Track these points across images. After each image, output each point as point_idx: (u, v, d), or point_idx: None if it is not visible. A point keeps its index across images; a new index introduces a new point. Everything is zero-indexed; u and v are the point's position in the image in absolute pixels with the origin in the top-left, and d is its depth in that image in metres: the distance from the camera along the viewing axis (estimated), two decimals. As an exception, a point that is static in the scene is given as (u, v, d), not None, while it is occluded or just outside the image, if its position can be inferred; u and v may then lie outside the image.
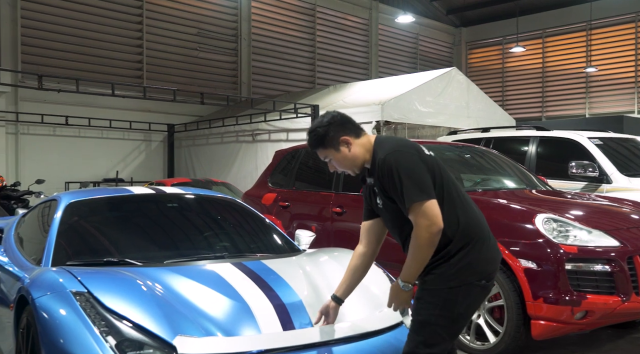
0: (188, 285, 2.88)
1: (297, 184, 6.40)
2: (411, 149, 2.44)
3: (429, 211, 2.35)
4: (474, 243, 2.44)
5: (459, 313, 2.43)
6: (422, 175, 2.38)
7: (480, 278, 2.44)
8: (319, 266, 3.35)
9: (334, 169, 2.69)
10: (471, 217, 2.50)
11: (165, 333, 2.49)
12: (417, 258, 2.41)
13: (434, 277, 2.45)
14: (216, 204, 4.14)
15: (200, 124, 13.05)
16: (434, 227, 2.35)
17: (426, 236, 2.36)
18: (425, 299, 2.47)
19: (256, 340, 2.58)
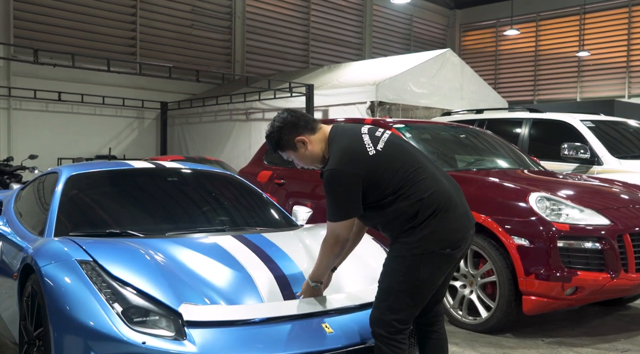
0: (190, 255, 2.95)
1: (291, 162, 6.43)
2: (349, 167, 2.50)
3: (338, 231, 2.58)
4: (437, 212, 2.52)
5: (422, 279, 2.52)
6: (344, 199, 2.52)
7: (444, 246, 2.53)
8: (318, 239, 3.40)
9: (299, 166, 2.78)
10: (437, 188, 2.57)
11: (170, 300, 2.56)
12: (323, 263, 2.71)
13: (399, 245, 2.55)
14: (215, 179, 4.19)
15: (193, 102, 13.04)
16: (338, 245, 2.64)
17: (330, 250, 2.66)
18: (389, 267, 2.58)
19: (258, 309, 2.66)
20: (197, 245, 3.12)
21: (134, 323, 2.48)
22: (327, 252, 2.68)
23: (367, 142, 2.60)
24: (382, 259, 3.30)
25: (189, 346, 2.41)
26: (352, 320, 2.75)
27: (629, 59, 18.47)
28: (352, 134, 2.65)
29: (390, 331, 2.53)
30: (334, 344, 2.58)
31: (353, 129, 2.69)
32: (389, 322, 2.52)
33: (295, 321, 2.65)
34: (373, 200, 2.55)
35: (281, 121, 2.70)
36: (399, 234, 2.55)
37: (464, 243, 2.59)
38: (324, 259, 2.71)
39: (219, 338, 2.47)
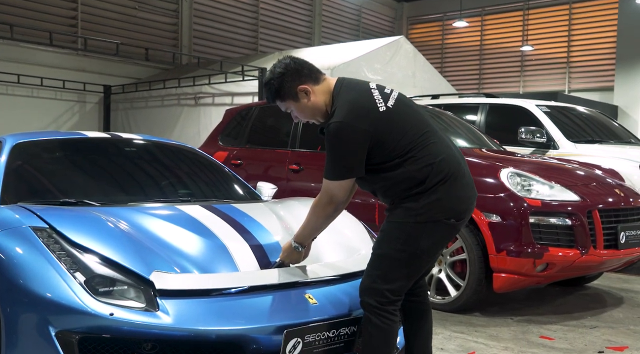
0: (157, 223, 2.70)
1: (250, 142, 6.22)
2: (357, 121, 2.31)
3: (334, 191, 2.40)
4: (446, 179, 2.37)
5: (422, 249, 2.37)
6: (348, 156, 2.34)
7: (449, 216, 2.38)
8: (292, 211, 3.23)
9: (298, 119, 2.58)
10: (448, 154, 2.43)
11: (139, 268, 2.31)
12: (311, 224, 2.52)
13: (401, 210, 2.38)
14: (175, 152, 3.94)
15: (139, 86, 12.52)
16: (331, 206, 2.44)
17: (322, 210, 2.47)
18: (388, 233, 2.40)
19: (236, 278, 2.45)
20: (163, 214, 2.88)
21: (99, 293, 2.23)
22: (318, 213, 2.49)
23: (377, 97, 2.42)
24: (357, 230, 3.17)
25: (162, 317, 2.18)
26: (336, 291, 2.58)
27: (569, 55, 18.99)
28: (360, 88, 2.45)
29: (381, 301, 2.37)
30: (319, 316, 2.39)
31: (360, 83, 2.50)
32: (381, 291, 2.36)
33: (277, 291, 2.45)
34: (378, 161, 2.38)
35: (283, 67, 2.45)
36: (403, 199, 2.38)
37: (467, 215, 2.45)
38: (312, 220, 2.51)
39: (195, 309, 2.25)
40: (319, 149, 5.37)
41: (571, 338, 3.70)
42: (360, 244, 3.00)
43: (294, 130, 5.66)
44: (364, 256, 2.87)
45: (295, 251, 2.58)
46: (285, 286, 2.49)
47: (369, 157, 2.36)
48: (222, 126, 6.77)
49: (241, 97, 10.56)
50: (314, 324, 2.36)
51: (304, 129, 5.60)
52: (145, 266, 2.33)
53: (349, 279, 2.68)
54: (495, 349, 3.43)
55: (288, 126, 5.85)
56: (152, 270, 2.32)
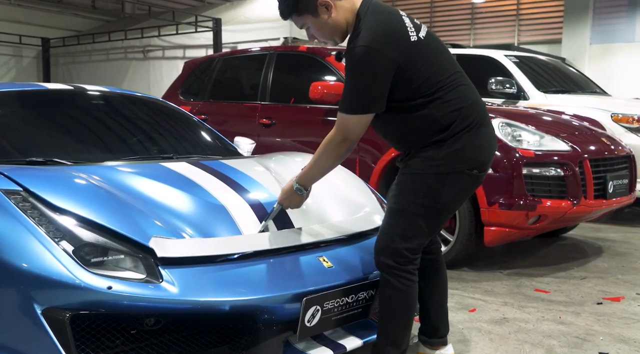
0: (145, 183, 2.40)
1: (214, 96, 5.86)
2: (386, 47, 2.04)
3: (350, 126, 2.13)
4: (472, 126, 2.16)
5: (444, 203, 2.16)
6: (371, 87, 2.07)
7: (472, 166, 2.17)
8: (285, 165, 2.98)
9: (314, 38, 2.30)
10: (476, 99, 2.23)
11: (135, 234, 2.03)
12: (318, 165, 2.26)
13: (419, 160, 2.16)
14: (148, 105, 3.58)
15: (81, 39, 11.80)
16: (344, 144, 2.17)
17: (333, 149, 2.19)
18: (406, 186, 2.18)
19: (244, 241, 2.19)
20: (148, 172, 2.57)
21: (91, 264, 1.94)
22: (329, 152, 2.20)
23: (408, 25, 2.16)
24: (357, 185, 2.96)
25: (168, 288, 1.92)
26: (349, 253, 2.36)
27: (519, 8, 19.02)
28: (391, 11, 2.17)
29: (400, 261, 2.17)
30: (336, 280, 2.18)
31: (390, 7, 2.22)
32: (399, 251, 2.16)
33: (288, 255, 2.22)
34: (400, 98, 2.13)
35: None
36: (422, 148, 2.16)
37: (488, 166, 2.25)
38: (322, 161, 2.23)
39: (203, 278, 1.99)
40: (292, 102, 5.09)
41: (566, 290, 3.63)
42: (364, 200, 2.79)
43: (263, 82, 5.34)
44: (371, 213, 2.67)
45: (296, 194, 2.31)
46: (295, 249, 2.26)
47: (391, 92, 2.11)
48: (182, 79, 6.36)
49: (194, 50, 10.08)
50: (333, 290, 2.14)
51: (274, 80, 5.29)
52: (140, 232, 2.05)
53: (358, 239, 2.47)
54: (495, 305, 3.32)
55: (256, 77, 5.52)
56: (149, 235, 2.04)
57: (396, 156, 4.24)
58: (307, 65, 5.18)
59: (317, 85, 4.58)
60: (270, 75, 5.33)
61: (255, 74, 5.59)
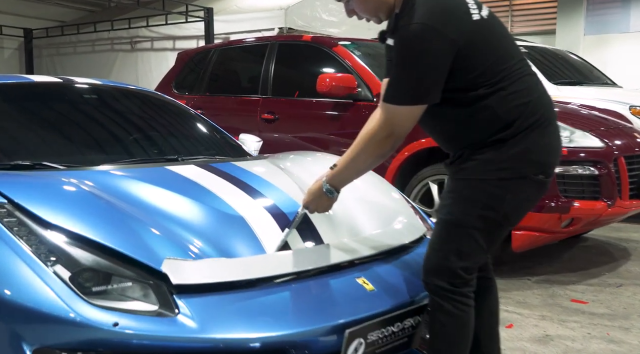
0: (150, 191, 2.06)
1: (210, 90, 5.50)
2: (445, 26, 1.73)
3: (398, 120, 1.81)
4: (539, 124, 1.83)
5: (506, 214, 1.83)
6: (427, 72, 1.74)
7: (538, 170, 1.84)
8: (304, 168, 2.65)
9: (353, 14, 1.97)
10: (543, 92, 1.91)
11: (144, 255, 1.69)
12: (355, 164, 1.92)
13: (477, 164, 1.82)
14: (146, 99, 3.23)
15: (65, 29, 11.31)
16: (389, 141, 1.85)
17: (375, 145, 1.86)
18: (461, 194, 1.84)
19: (270, 262, 1.86)
20: (154, 177, 2.22)
21: (92, 294, 1.60)
22: (370, 149, 1.86)
23: (469, 1, 1.84)
24: (386, 188, 2.63)
25: (185, 322, 1.58)
26: (389, 272, 2.03)
27: (512, -1, 18.76)
28: None
29: (455, 282, 1.85)
30: (380, 306, 1.85)
31: None
32: (454, 271, 1.84)
33: (322, 276, 1.89)
34: (456, 88, 1.79)
35: None
36: (479, 148, 1.83)
37: (553, 170, 1.93)
38: (360, 159, 1.89)
39: (226, 309, 1.66)
40: (297, 95, 4.75)
41: (604, 300, 3.34)
42: (396, 206, 2.46)
43: (264, 74, 4.99)
44: (407, 223, 2.35)
45: (325, 196, 1.97)
46: (328, 270, 1.93)
47: (446, 80, 1.78)
48: (175, 71, 5.99)
49: (184, 41, 9.66)
50: (378, 318, 1.81)
51: (276, 72, 4.94)
52: (150, 252, 1.71)
53: (397, 254, 2.15)
54: (533, 319, 3.02)
55: (256, 69, 5.17)
56: (160, 257, 1.70)
57: (411, 155, 3.93)
58: (312, 56, 4.84)
59: (324, 78, 4.25)
60: (271, 67, 4.98)
61: (255, 65, 5.24)
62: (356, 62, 4.44)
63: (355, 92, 4.28)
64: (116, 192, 2.00)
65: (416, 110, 1.81)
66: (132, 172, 2.25)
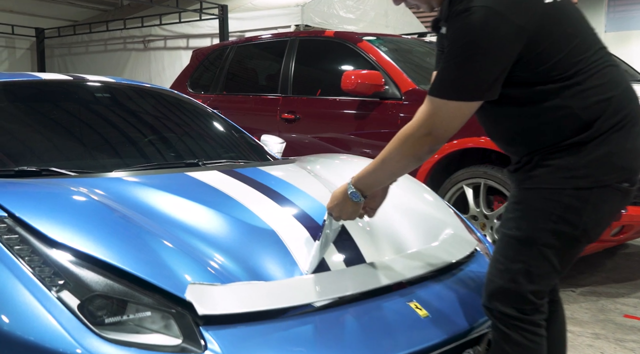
0: (170, 202, 1.82)
1: (227, 88, 5.27)
2: (512, 11, 1.47)
3: (443, 117, 1.53)
4: (624, 123, 1.55)
5: (585, 229, 1.55)
6: (487, 64, 1.48)
7: (622, 177, 1.56)
8: (331, 169, 2.42)
9: (401, 1, 1.73)
10: (627, 86, 1.64)
11: (164, 280, 1.45)
12: (387, 166, 1.64)
13: (549, 171, 1.55)
14: (162, 98, 2.99)
15: (78, 29, 11.14)
16: (428, 139, 1.56)
17: (413, 146, 1.57)
18: (532, 206, 1.57)
19: (310, 286, 1.61)
20: (173, 185, 1.98)
21: (104, 325, 1.36)
22: (404, 148, 1.58)
23: None
24: (426, 196, 2.38)
25: (214, 361, 1.34)
26: (442, 293, 1.78)
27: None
28: None
29: (524, 309, 1.59)
30: (438, 336, 1.59)
31: None
32: (523, 295, 1.58)
33: (371, 300, 1.64)
34: (523, 82, 1.53)
35: None
36: (553, 152, 1.57)
37: (638, 177, 1.66)
38: (393, 159, 1.61)
39: (262, 342, 1.41)
40: (318, 94, 4.50)
41: (659, 315, 3.07)
42: (441, 216, 2.21)
43: (284, 72, 4.75)
44: (456, 237, 2.09)
45: (349, 201, 1.71)
46: (376, 293, 1.68)
47: (509, 73, 1.52)
48: (190, 69, 5.76)
49: (198, 40, 9.44)
50: (436, 351, 1.56)
51: (297, 70, 4.70)
52: (172, 276, 1.47)
53: (449, 273, 1.89)
54: (586, 338, 2.75)
55: (276, 67, 4.93)
56: (184, 282, 1.46)
57: (443, 157, 3.68)
58: (335, 53, 4.59)
59: (350, 75, 4.00)
60: (292, 64, 4.73)
61: (274, 63, 5.00)
62: (383, 58, 4.19)
63: (383, 90, 4.03)
64: (132, 203, 1.77)
65: (466, 108, 1.55)
66: (150, 179, 2.01)
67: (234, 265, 1.60)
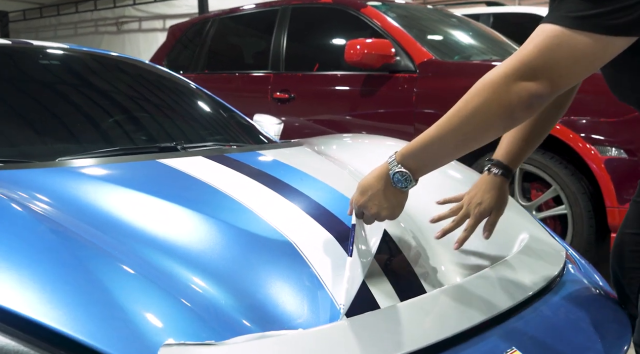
0: (132, 203, 1.22)
1: (210, 66, 4.65)
2: None
3: (564, 56, 0.96)
4: None
5: None
6: None
7: None
8: (352, 151, 1.84)
9: None
10: None
11: (113, 339, 0.85)
12: (456, 128, 1.04)
13: None
14: (129, 70, 2.35)
15: (44, 11, 10.42)
16: (534, 86, 0.97)
17: (507, 94, 0.98)
18: None
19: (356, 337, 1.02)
20: (140, 178, 1.38)
21: None
22: (490, 101, 1.00)
23: None
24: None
25: None
26: (539, 331, 1.19)
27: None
28: None
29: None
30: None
31: None
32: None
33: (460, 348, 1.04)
34: None
35: None
36: None
37: None
38: (468, 119, 1.03)
39: None
40: (316, 69, 3.91)
41: None
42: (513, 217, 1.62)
43: (275, 45, 4.14)
44: (540, 244, 1.50)
45: (392, 189, 1.13)
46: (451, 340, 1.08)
47: None
48: (167, 47, 5.13)
49: (175, 20, 8.79)
50: None
51: (290, 43, 4.09)
52: (129, 332, 0.87)
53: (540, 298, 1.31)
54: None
55: (265, 40, 4.33)
56: (152, 340, 0.85)
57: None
58: (334, 21, 4.00)
59: (354, 44, 3.41)
60: (284, 36, 4.12)
61: (263, 36, 4.41)
62: (391, 25, 3.60)
63: (393, 62, 3.44)
64: (76, 207, 1.16)
65: (604, 46, 0.96)
66: (107, 170, 1.40)
67: (236, 304, 1.00)
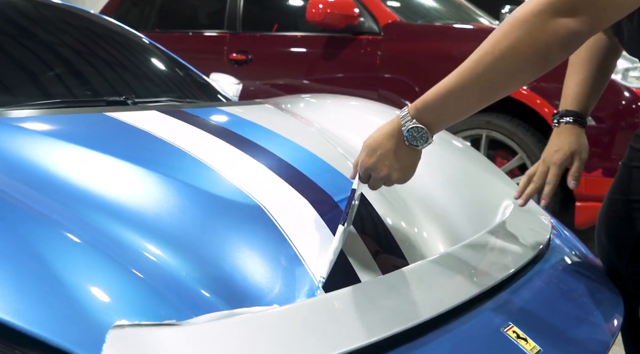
0: (78, 161, 1.05)
1: (161, 25, 4.40)
2: None
3: None
4: None
5: None
6: None
7: None
8: (319, 110, 1.71)
9: None
10: None
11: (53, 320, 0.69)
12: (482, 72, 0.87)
13: None
14: (74, 19, 2.13)
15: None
16: (572, 22, 0.82)
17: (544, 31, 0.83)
18: None
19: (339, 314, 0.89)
20: (85, 133, 1.20)
21: None
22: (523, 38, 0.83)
23: None
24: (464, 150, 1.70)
25: None
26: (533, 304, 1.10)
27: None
28: None
29: None
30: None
31: None
32: None
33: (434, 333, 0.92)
34: None
35: None
36: None
37: None
38: (497, 60, 0.85)
39: None
40: (275, 29, 3.72)
41: None
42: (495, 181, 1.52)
43: (231, 4, 3.92)
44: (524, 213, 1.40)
45: (405, 148, 0.96)
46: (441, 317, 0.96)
47: None
48: (113, 6, 4.83)
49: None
50: None
51: (247, 1, 3.88)
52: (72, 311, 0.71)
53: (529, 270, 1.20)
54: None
55: (220, 0, 4.10)
56: (99, 321, 0.70)
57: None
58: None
59: (316, 3, 3.26)
60: (240, -7, 3.92)
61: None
62: (355, -17, 3.44)
63: (357, 23, 3.30)
64: (8, 165, 0.99)
65: None
66: (48, 123, 1.22)
67: (197, 275, 0.86)
